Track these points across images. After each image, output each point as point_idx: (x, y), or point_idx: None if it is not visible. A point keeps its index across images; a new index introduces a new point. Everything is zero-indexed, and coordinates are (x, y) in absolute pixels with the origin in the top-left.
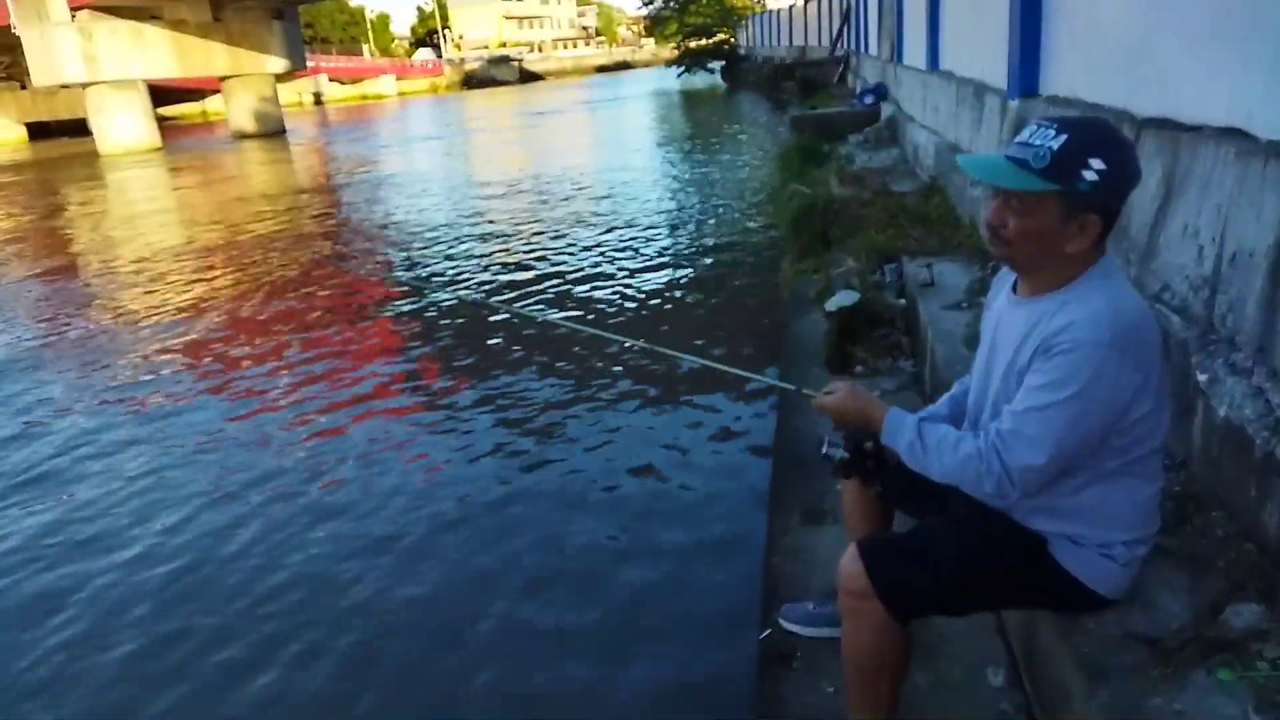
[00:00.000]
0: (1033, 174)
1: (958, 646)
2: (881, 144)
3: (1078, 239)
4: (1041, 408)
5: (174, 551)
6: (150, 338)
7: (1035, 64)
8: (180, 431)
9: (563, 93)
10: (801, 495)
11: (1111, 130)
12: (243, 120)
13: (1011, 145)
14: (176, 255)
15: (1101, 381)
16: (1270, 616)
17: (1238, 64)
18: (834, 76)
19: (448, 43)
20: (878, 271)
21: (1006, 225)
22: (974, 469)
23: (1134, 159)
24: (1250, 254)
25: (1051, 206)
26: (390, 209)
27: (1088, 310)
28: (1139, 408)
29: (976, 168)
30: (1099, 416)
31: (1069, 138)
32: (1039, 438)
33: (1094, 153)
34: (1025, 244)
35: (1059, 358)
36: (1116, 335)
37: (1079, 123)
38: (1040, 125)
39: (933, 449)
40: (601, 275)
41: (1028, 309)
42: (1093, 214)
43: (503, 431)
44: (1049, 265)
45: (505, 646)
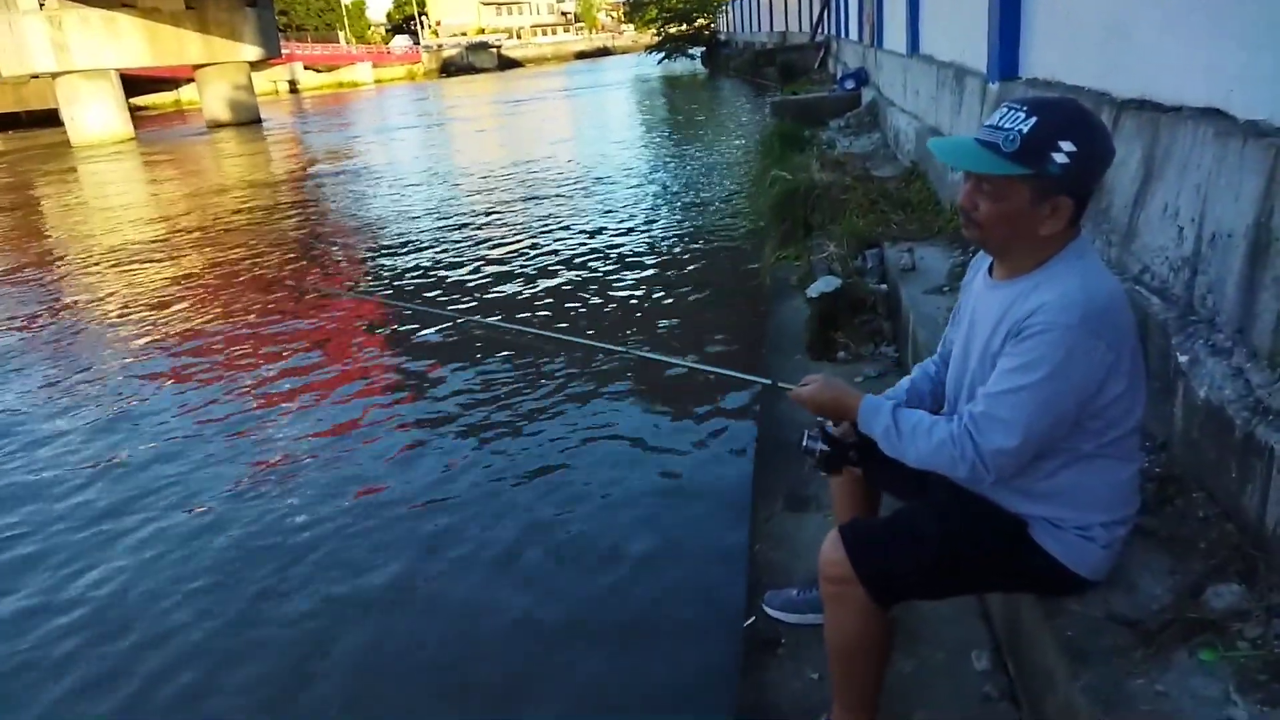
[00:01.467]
0: (1003, 158)
1: (941, 631)
2: (862, 129)
3: (1050, 221)
4: (1014, 390)
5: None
6: (118, 335)
7: (1015, 47)
8: (142, 428)
9: (542, 80)
10: (785, 482)
11: (1081, 111)
12: (217, 109)
13: (982, 128)
14: (145, 250)
15: (1073, 363)
16: (1251, 597)
17: (1216, 43)
18: (815, 62)
19: (425, 29)
20: (859, 257)
21: (978, 208)
22: (948, 453)
23: (1105, 139)
24: (1229, 235)
25: (1022, 190)
26: (365, 202)
27: (1059, 292)
28: (1112, 389)
29: (947, 152)
30: (1071, 398)
31: (1038, 120)
32: (1011, 421)
33: (1064, 135)
34: (997, 227)
35: (1031, 340)
36: (1088, 316)
37: (1048, 104)
38: (1010, 108)
39: (907, 435)
40: (581, 265)
41: (1002, 291)
42: (1064, 196)
43: (482, 430)
44: (1021, 247)
45: (492, 636)
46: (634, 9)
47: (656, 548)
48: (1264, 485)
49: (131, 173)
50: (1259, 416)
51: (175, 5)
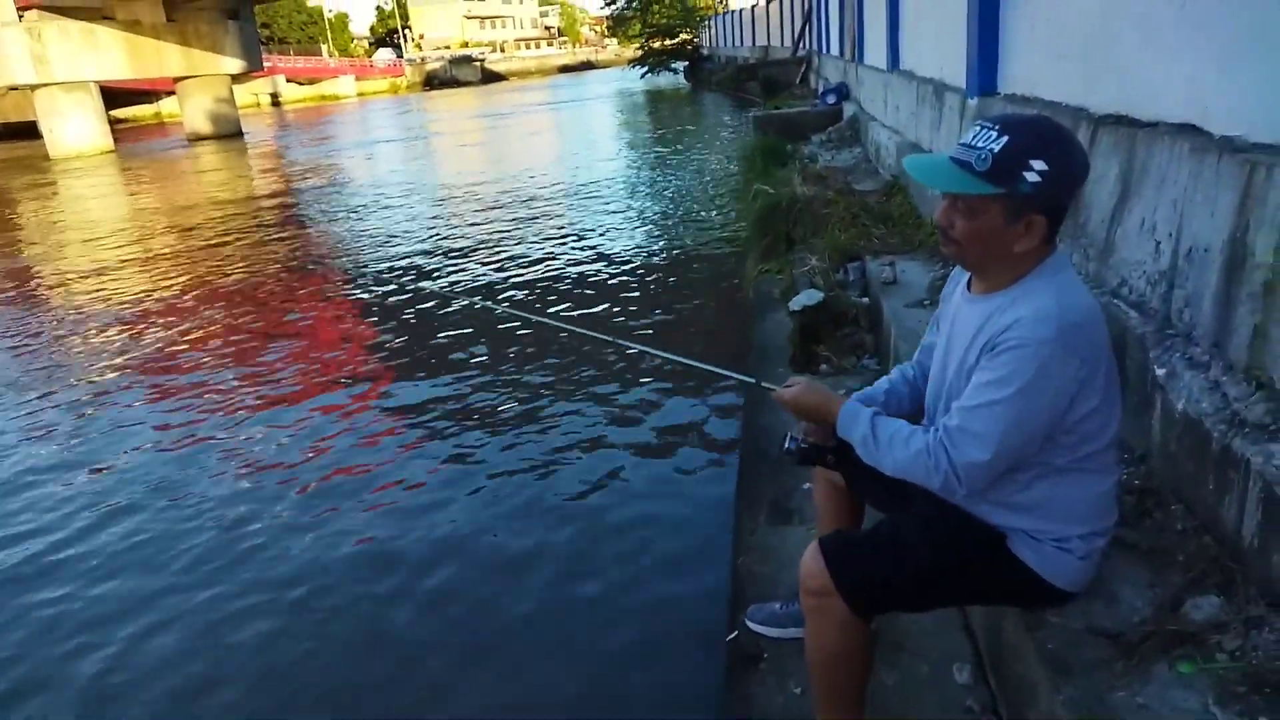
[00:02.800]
0: (976, 176)
1: (923, 644)
2: (844, 143)
3: (1024, 238)
4: (988, 404)
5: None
6: (97, 349)
7: (994, 63)
8: (121, 446)
9: (526, 93)
10: (768, 494)
11: (1053, 129)
12: (198, 122)
13: (956, 147)
14: (121, 265)
15: (1046, 378)
16: (1229, 609)
17: (1192, 60)
18: (796, 76)
19: (408, 42)
20: (841, 270)
21: (954, 226)
22: (923, 464)
23: (1077, 157)
24: (1206, 249)
25: (996, 208)
26: (348, 216)
27: (1033, 307)
28: (1085, 404)
29: (922, 171)
30: (1044, 413)
31: (1009, 140)
32: (985, 434)
33: (1035, 154)
34: (973, 244)
35: (1005, 355)
36: (1062, 331)
37: (1020, 123)
38: (982, 127)
39: (884, 444)
40: (562, 279)
41: (980, 306)
42: (1038, 214)
43: (465, 433)
44: (997, 264)
45: (469, 649)
46: (617, 23)
47: (638, 561)
48: (1241, 498)
49: (111, 186)
50: (1235, 429)
51: (156, 18)
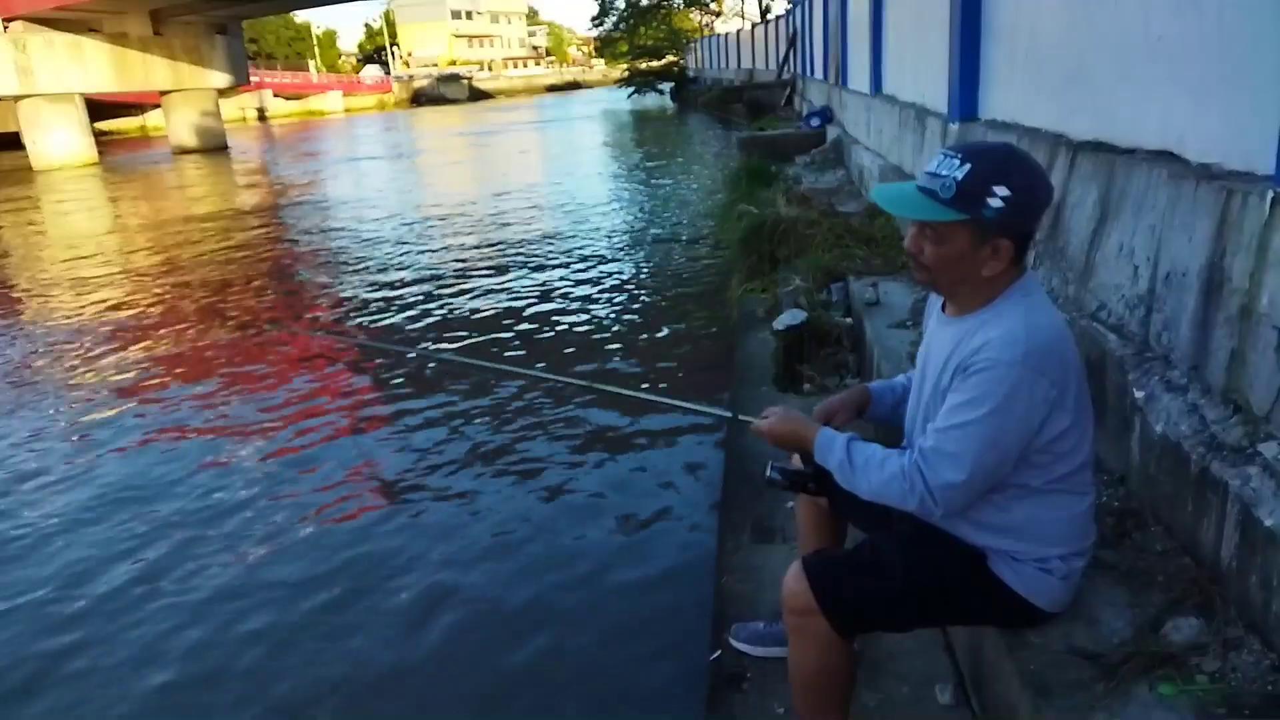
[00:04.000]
0: (940, 204)
1: (905, 664)
2: (827, 165)
3: (991, 262)
4: (960, 426)
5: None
6: (76, 368)
7: (975, 89)
8: (108, 467)
9: (513, 112)
10: (751, 514)
11: (1015, 156)
12: (183, 135)
13: (922, 175)
14: (101, 280)
15: (1016, 399)
16: (1208, 630)
17: (1170, 88)
18: (781, 99)
19: (396, 59)
20: (824, 290)
21: (924, 252)
22: (898, 487)
23: (1039, 181)
24: (1183, 274)
25: (963, 234)
26: (329, 235)
27: (1002, 329)
28: (1057, 424)
29: (889, 200)
30: (1016, 433)
31: (972, 168)
32: (958, 455)
33: (998, 180)
34: (942, 270)
35: (975, 377)
36: (1030, 353)
37: (982, 151)
38: (946, 155)
39: (860, 468)
40: (547, 298)
41: (953, 329)
42: (1003, 238)
43: (446, 473)
44: (968, 288)
45: (457, 681)
46: (605, 44)
47: (621, 580)
48: (1219, 520)
49: (94, 199)
50: (1214, 452)
51: (143, 31)
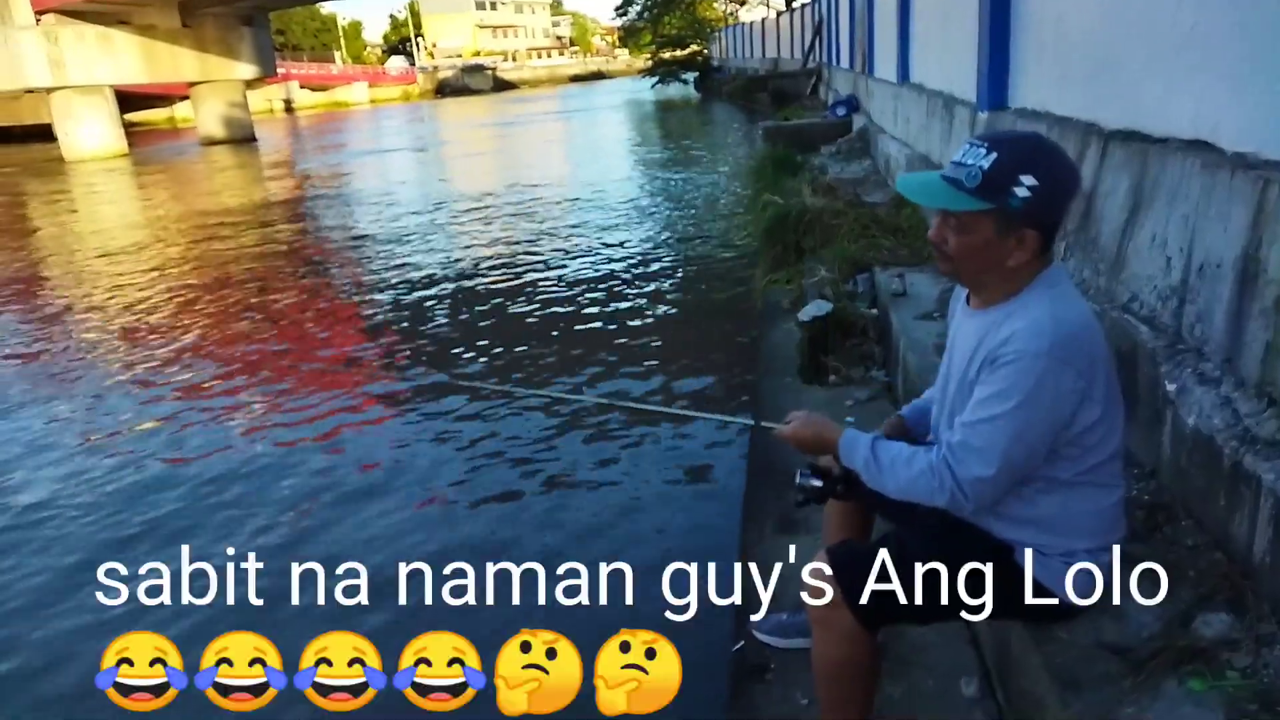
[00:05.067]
0: (966, 193)
1: (930, 656)
2: (853, 155)
3: (1017, 252)
4: (988, 420)
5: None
6: (114, 360)
7: (1004, 77)
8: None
9: (537, 102)
10: (775, 505)
11: (1042, 145)
12: (211, 127)
13: (948, 165)
14: (137, 273)
15: (1044, 391)
16: (1239, 626)
17: (1203, 76)
18: (806, 88)
19: (421, 50)
20: (850, 281)
21: (947, 242)
22: (926, 484)
23: (1066, 172)
24: (1218, 265)
25: (987, 223)
26: (357, 225)
27: (1029, 321)
28: (1085, 416)
29: (914, 189)
30: (1044, 426)
31: (998, 156)
32: (987, 449)
33: (1024, 169)
34: (966, 260)
35: (1003, 369)
36: (1056, 344)
37: (1009, 140)
38: (972, 144)
39: (887, 467)
40: (573, 286)
41: (978, 320)
42: (1029, 229)
43: (476, 469)
44: (992, 279)
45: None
46: (629, 34)
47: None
48: (1252, 514)
49: (125, 190)
50: (1247, 446)
51: (171, 23)
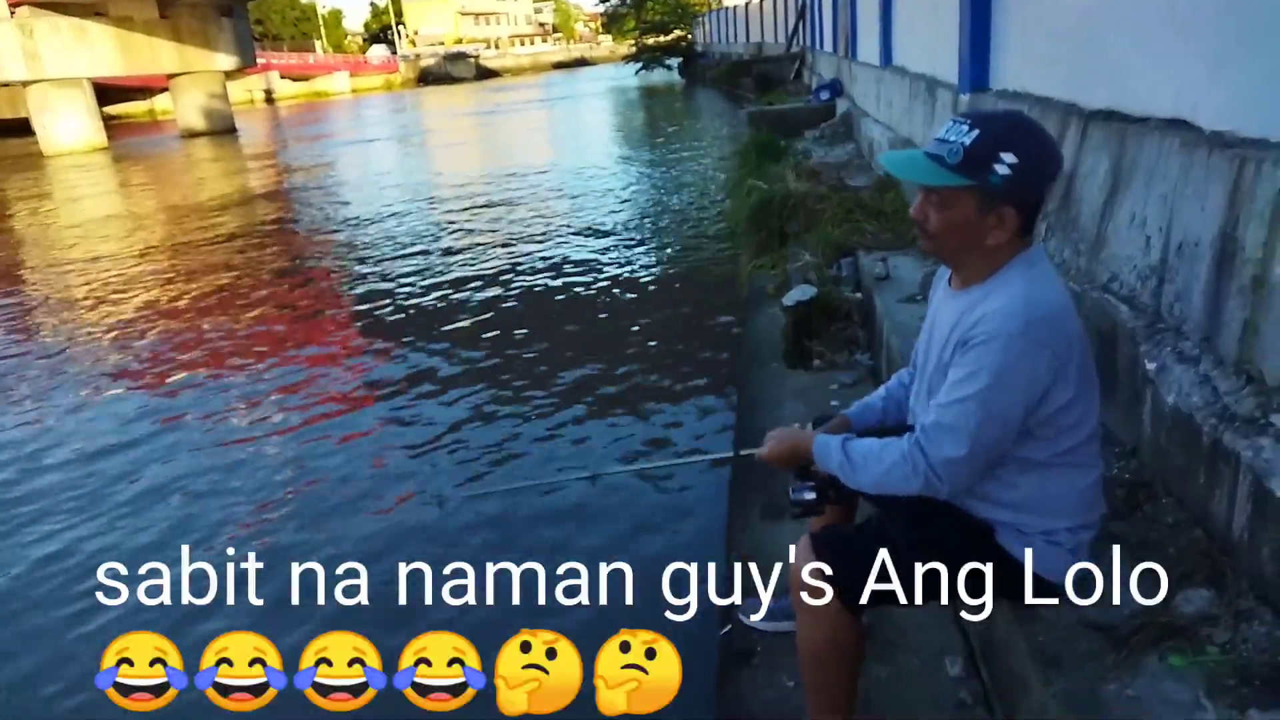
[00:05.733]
0: (947, 170)
1: (915, 637)
2: (837, 139)
3: (996, 230)
4: (961, 400)
5: None
6: (91, 353)
7: (985, 59)
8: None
9: (520, 90)
10: (761, 491)
11: (1024, 124)
12: (191, 118)
13: (930, 142)
14: (113, 262)
15: (1016, 372)
16: (1219, 602)
17: (1181, 58)
18: (790, 73)
19: (402, 39)
20: (834, 266)
21: (929, 219)
22: (900, 472)
23: (1048, 151)
24: (1196, 244)
25: (967, 200)
26: (340, 217)
27: (1003, 301)
28: (1059, 396)
29: (897, 165)
30: (1018, 406)
31: (980, 133)
32: (959, 428)
33: (1005, 147)
34: (946, 237)
35: (975, 350)
36: (1030, 324)
37: (991, 118)
38: (955, 122)
39: (860, 465)
40: (556, 273)
41: (957, 301)
42: (1009, 206)
43: (477, 468)
44: (972, 258)
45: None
46: (612, 20)
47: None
48: (1231, 491)
49: (104, 183)
50: (1225, 423)
51: (148, 14)
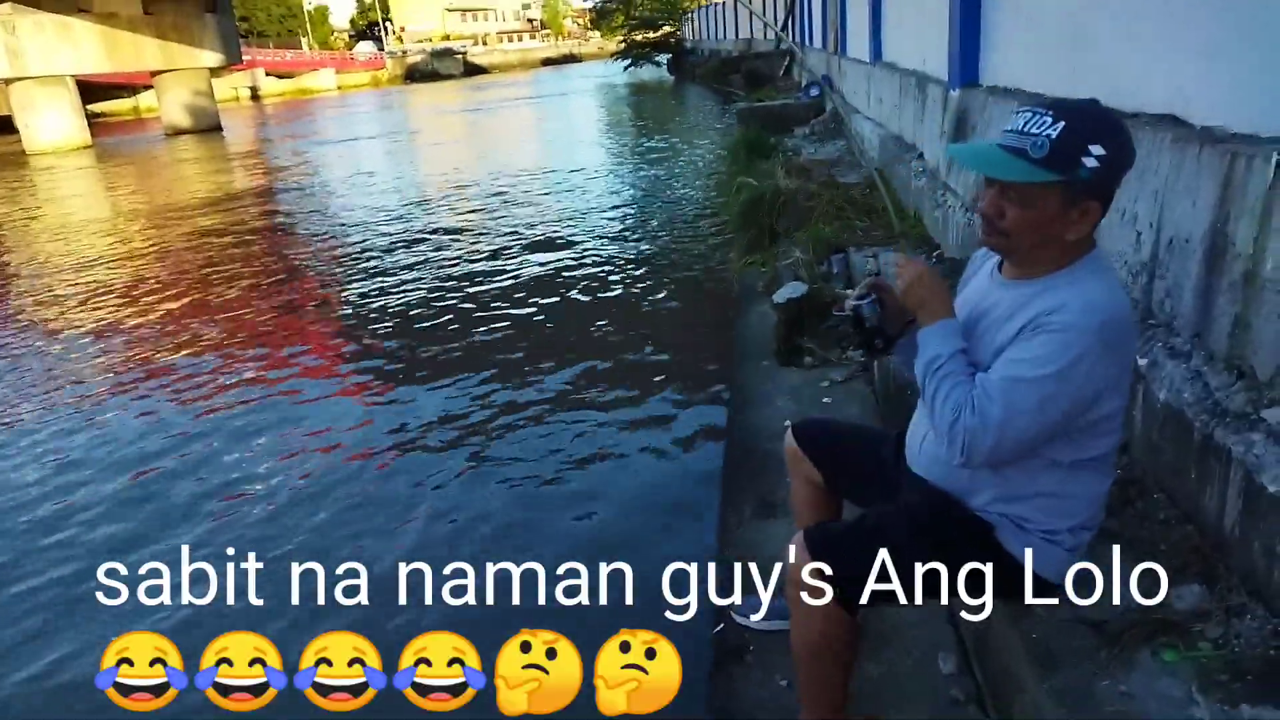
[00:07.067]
0: (1031, 164)
1: (908, 635)
2: (827, 136)
3: (1078, 225)
4: (1015, 380)
5: None
6: (78, 353)
7: (975, 55)
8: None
9: (509, 87)
10: (754, 489)
11: (1108, 114)
12: (176, 116)
13: (1005, 134)
14: (98, 263)
15: (1079, 368)
16: (1211, 597)
17: (1173, 52)
18: (780, 69)
19: (389, 35)
20: (824, 262)
21: (1004, 216)
22: (949, 419)
23: (1130, 141)
24: (1186, 240)
25: (1052, 196)
26: (326, 216)
27: (1083, 296)
28: (1107, 404)
29: (971, 158)
30: (1068, 401)
31: (1066, 125)
32: (1002, 406)
33: (1093, 139)
34: (1025, 234)
35: (1046, 335)
36: (1106, 325)
37: (1075, 108)
38: (1035, 113)
39: (946, 374)
40: (546, 273)
41: (1016, 290)
42: (1093, 200)
43: (475, 464)
44: (1048, 251)
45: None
46: (600, 16)
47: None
48: (1222, 487)
49: (89, 182)
50: (1217, 419)
51: (133, 10)
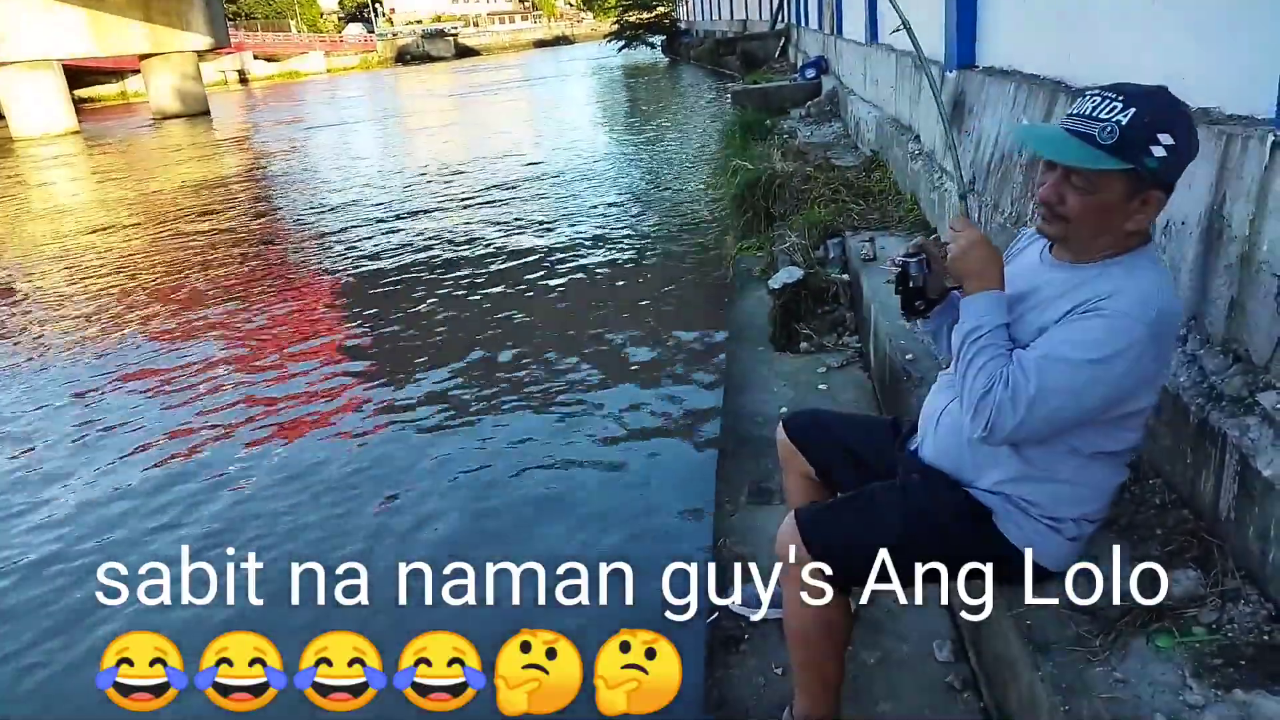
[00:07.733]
0: (1099, 150)
1: (903, 622)
2: (823, 118)
3: (1139, 215)
4: (1056, 359)
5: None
6: (72, 347)
7: (972, 35)
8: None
9: (501, 70)
10: (748, 475)
11: (1177, 102)
12: (164, 101)
13: (1070, 118)
14: (90, 250)
15: (1126, 357)
16: (1206, 582)
17: (1168, 31)
18: (775, 50)
19: (379, 17)
20: (821, 247)
21: (1065, 202)
22: (981, 390)
23: (1195, 131)
24: (1182, 222)
25: (1118, 184)
26: (317, 202)
27: (1138, 286)
28: (1142, 399)
29: (1039, 141)
30: (1107, 390)
31: (1136, 111)
32: (1039, 384)
33: (1162, 128)
34: (1086, 221)
35: (1098, 320)
36: (1159, 319)
37: (1145, 94)
38: (1105, 97)
39: (983, 346)
40: (540, 257)
41: (1068, 273)
42: (1158, 190)
43: (453, 450)
44: (1106, 239)
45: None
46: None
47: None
48: (1218, 471)
49: (76, 168)
50: (1213, 403)
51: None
